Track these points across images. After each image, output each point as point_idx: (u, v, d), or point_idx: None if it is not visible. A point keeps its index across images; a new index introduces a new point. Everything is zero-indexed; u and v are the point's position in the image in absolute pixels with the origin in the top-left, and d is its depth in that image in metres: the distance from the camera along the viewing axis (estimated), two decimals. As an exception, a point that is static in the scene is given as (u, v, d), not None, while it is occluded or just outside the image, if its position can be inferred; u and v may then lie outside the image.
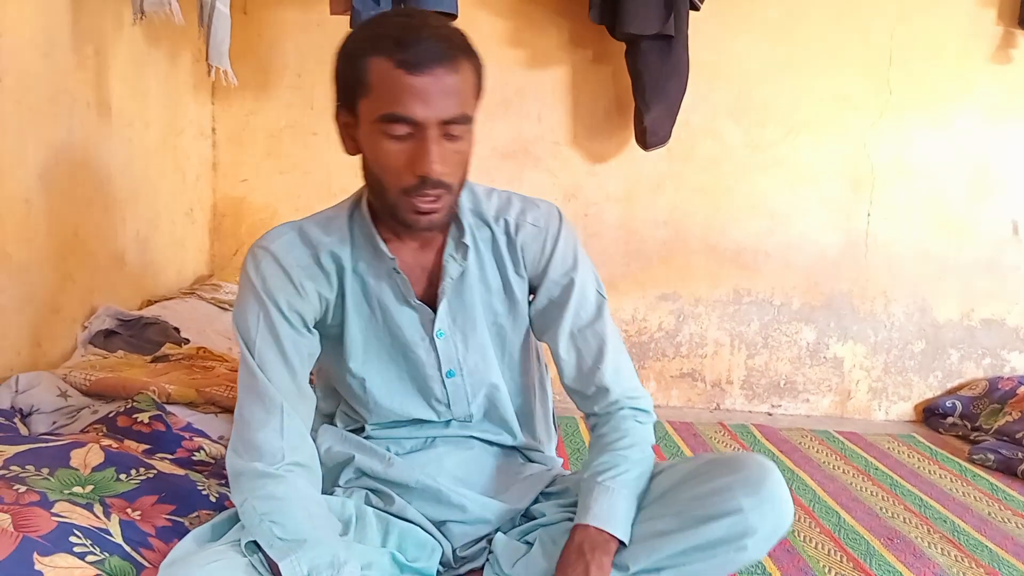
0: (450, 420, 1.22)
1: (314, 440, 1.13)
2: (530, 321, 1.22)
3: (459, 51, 0.97)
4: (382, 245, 1.08)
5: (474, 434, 1.24)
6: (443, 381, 1.17)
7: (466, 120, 0.98)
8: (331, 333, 1.15)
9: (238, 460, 1.02)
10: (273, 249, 1.08)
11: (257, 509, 0.96)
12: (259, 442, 1.01)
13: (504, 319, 1.19)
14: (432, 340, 1.14)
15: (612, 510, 1.04)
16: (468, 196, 1.14)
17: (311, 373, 1.16)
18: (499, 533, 1.15)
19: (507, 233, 1.15)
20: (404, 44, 0.93)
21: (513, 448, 1.27)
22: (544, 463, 1.29)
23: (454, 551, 1.15)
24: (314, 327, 1.12)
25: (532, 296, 1.20)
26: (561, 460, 1.34)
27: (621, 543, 1.03)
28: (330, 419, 1.28)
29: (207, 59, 1.90)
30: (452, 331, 1.15)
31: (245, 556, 0.93)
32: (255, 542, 0.95)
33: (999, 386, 2.64)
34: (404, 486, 1.17)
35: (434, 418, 1.20)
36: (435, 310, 1.13)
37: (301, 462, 1.02)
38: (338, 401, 1.26)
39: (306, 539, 0.93)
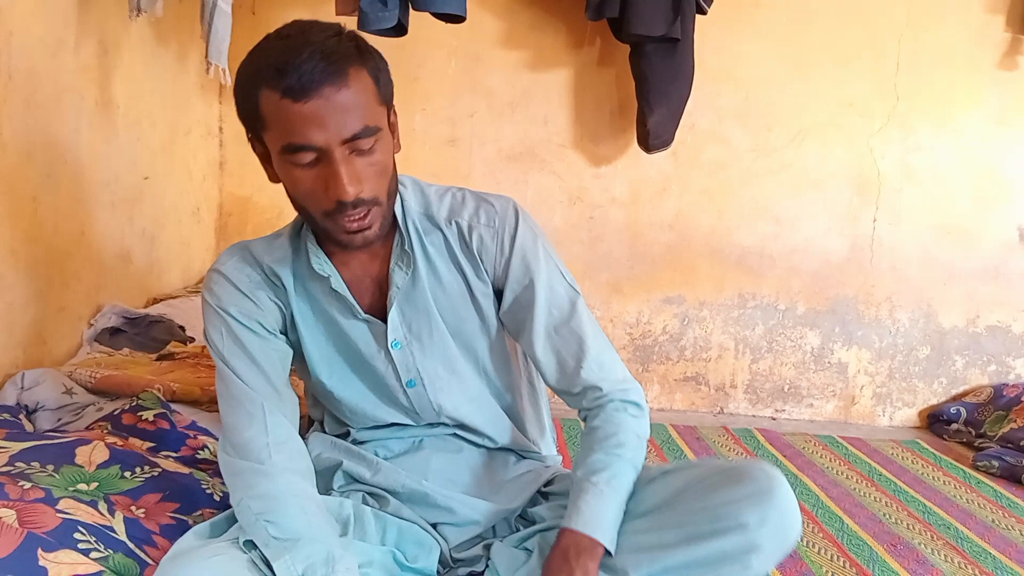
0: (434, 422, 1.21)
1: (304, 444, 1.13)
2: (501, 323, 1.18)
3: (346, 62, 0.91)
4: (316, 265, 1.08)
5: (459, 433, 1.23)
6: (404, 391, 1.16)
7: (372, 132, 0.94)
8: (294, 346, 1.15)
9: (229, 459, 1.03)
10: (224, 270, 1.10)
11: (252, 508, 0.96)
12: (245, 441, 1.02)
13: (470, 323, 1.16)
14: (388, 351, 1.13)
15: (602, 515, 1.01)
16: (418, 198, 1.12)
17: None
18: (497, 541, 1.14)
19: (460, 237, 1.12)
20: (285, 71, 0.88)
21: (503, 448, 1.25)
22: (540, 460, 1.27)
23: (450, 551, 1.15)
24: (281, 333, 1.12)
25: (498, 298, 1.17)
26: (560, 457, 1.32)
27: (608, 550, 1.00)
28: (321, 424, 1.29)
29: (206, 56, 1.91)
30: (408, 340, 1.13)
31: (245, 552, 0.94)
32: (252, 540, 0.95)
33: (1004, 393, 2.64)
34: (393, 491, 1.16)
35: (411, 422, 1.20)
36: (386, 321, 1.11)
37: (291, 456, 1.03)
38: (324, 407, 1.27)
39: (300, 538, 0.93)
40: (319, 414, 1.29)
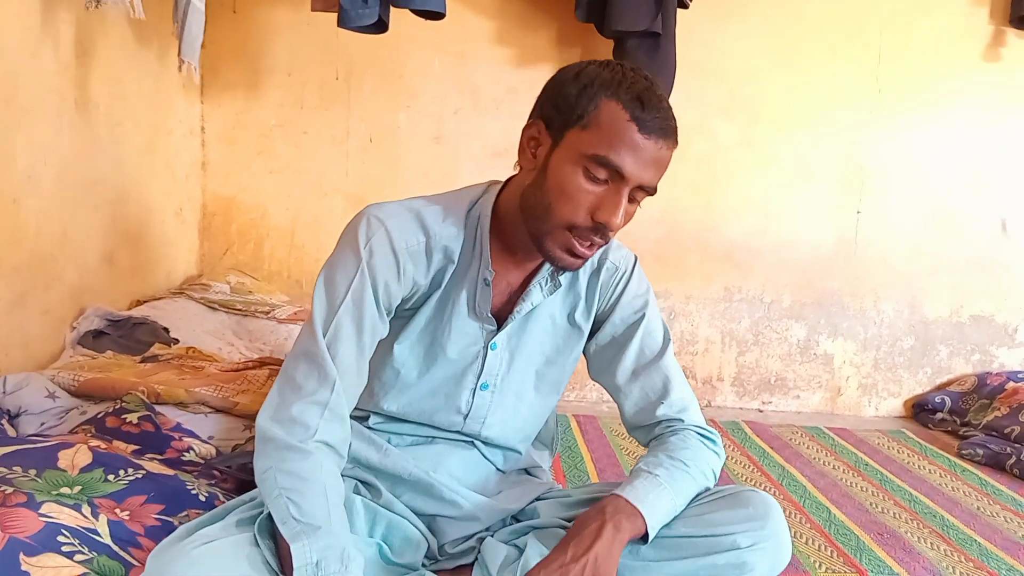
0: (467, 433, 1.22)
1: None
2: (587, 358, 1.23)
3: (677, 135, 1.03)
4: (487, 261, 1.10)
5: (477, 443, 1.24)
6: (474, 391, 1.17)
7: (653, 193, 1.03)
8: (402, 315, 1.14)
9: (271, 426, 0.98)
10: (389, 226, 1.06)
11: (279, 482, 0.94)
12: (298, 414, 0.98)
13: (555, 354, 1.21)
14: (485, 348, 1.15)
15: (654, 500, 1.03)
16: None
17: None
18: (489, 536, 1.14)
19: (594, 269, 1.18)
20: (645, 104, 0.98)
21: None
22: (539, 476, 1.30)
23: (441, 547, 1.15)
24: (396, 308, 1.11)
25: (592, 333, 1.22)
26: (559, 486, 1.33)
27: (643, 538, 1.03)
28: None
29: (179, 54, 1.91)
30: (504, 348, 1.17)
31: (232, 536, 0.92)
32: (252, 520, 0.95)
33: (988, 382, 2.66)
34: (397, 477, 1.16)
35: (445, 428, 1.20)
36: (500, 326, 1.14)
37: (331, 443, 1.00)
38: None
39: (320, 526, 0.91)
40: None
